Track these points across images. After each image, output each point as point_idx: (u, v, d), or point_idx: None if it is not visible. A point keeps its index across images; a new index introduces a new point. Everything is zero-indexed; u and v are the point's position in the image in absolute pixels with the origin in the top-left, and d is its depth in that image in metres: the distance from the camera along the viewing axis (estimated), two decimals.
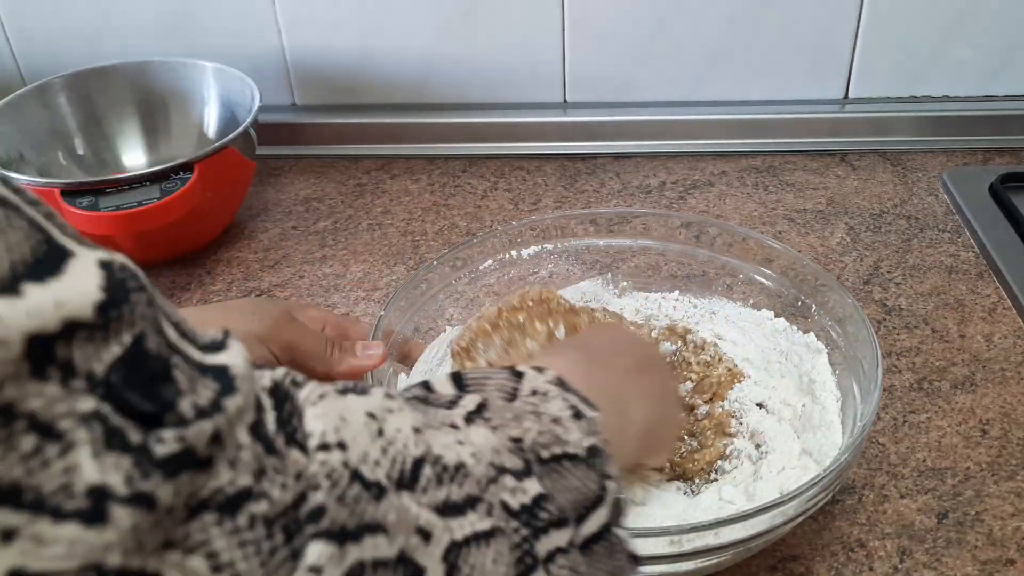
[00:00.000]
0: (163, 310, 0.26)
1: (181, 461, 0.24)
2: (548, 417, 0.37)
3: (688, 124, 0.99)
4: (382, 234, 0.89)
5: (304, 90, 1.04)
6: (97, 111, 0.94)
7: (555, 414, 0.37)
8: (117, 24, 1.01)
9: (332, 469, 0.28)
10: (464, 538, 0.31)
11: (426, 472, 0.31)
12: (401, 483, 0.30)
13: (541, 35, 0.98)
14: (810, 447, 0.60)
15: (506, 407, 0.37)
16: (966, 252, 0.83)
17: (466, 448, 0.33)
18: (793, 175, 0.95)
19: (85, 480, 0.22)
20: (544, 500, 0.34)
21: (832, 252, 0.84)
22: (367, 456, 0.29)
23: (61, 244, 0.24)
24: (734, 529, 0.50)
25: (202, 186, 0.81)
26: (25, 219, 0.23)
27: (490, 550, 0.31)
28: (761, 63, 0.98)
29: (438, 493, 0.31)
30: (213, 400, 0.25)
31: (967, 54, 0.96)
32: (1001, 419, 0.66)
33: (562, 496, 0.35)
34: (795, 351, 0.67)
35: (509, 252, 0.73)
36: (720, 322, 0.71)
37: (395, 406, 0.32)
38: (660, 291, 0.75)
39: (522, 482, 0.34)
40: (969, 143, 0.98)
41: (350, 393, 0.32)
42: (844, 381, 0.63)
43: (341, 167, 1.00)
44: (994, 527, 0.58)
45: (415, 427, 0.32)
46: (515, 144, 1.00)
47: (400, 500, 0.30)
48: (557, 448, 0.36)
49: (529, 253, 0.74)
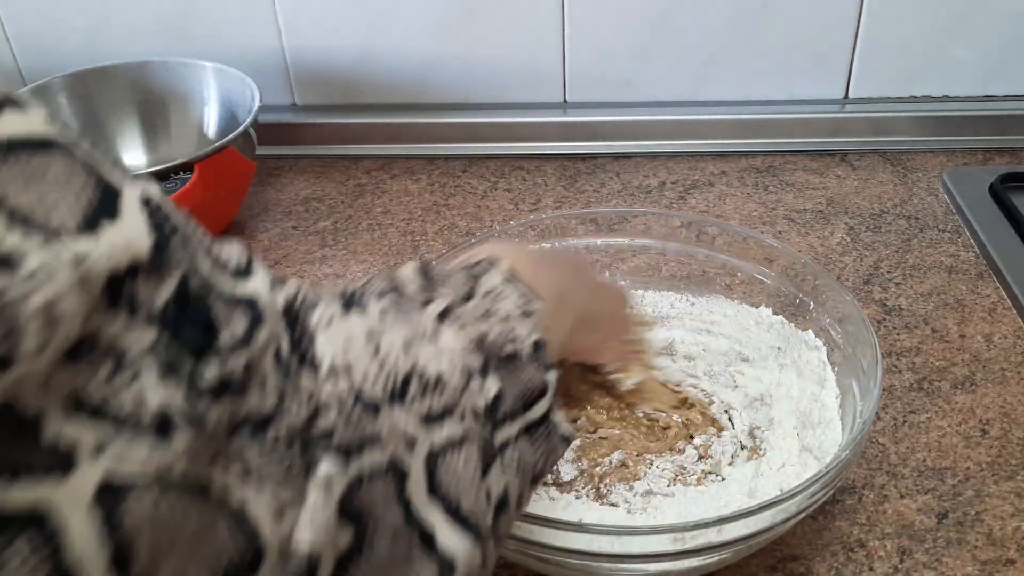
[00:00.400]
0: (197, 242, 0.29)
1: (222, 388, 0.28)
2: (501, 314, 0.42)
3: (688, 124, 0.99)
4: (382, 234, 0.89)
5: (304, 90, 1.04)
6: (97, 111, 0.94)
7: (506, 312, 0.42)
8: (117, 24, 1.01)
9: (340, 392, 0.33)
10: (441, 444, 0.35)
11: (413, 385, 0.36)
12: (393, 397, 0.35)
13: (541, 35, 0.98)
14: (810, 444, 0.60)
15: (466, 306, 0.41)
16: (966, 252, 0.83)
17: (444, 357, 0.37)
18: (793, 175, 0.95)
19: (153, 402, 0.26)
20: (501, 397, 0.39)
21: (832, 252, 0.84)
22: (367, 375, 0.34)
23: (110, 181, 0.26)
24: (736, 526, 0.50)
25: (202, 186, 0.81)
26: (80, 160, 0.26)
27: (462, 453, 0.36)
28: (761, 63, 0.98)
29: (422, 404, 0.35)
30: (246, 332, 0.29)
31: (967, 54, 0.96)
32: (1001, 419, 0.66)
33: (513, 389, 0.40)
34: (793, 347, 0.67)
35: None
36: (718, 318, 0.72)
37: (388, 322, 0.37)
38: (660, 290, 0.75)
39: (484, 382, 0.38)
40: (969, 143, 0.98)
41: (353, 310, 0.37)
42: (844, 380, 0.63)
43: (341, 167, 1.00)
44: (994, 527, 0.58)
45: (405, 341, 0.37)
46: (515, 144, 1.00)
47: (392, 413, 0.34)
48: (510, 347, 0.41)
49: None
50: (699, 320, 0.72)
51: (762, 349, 0.68)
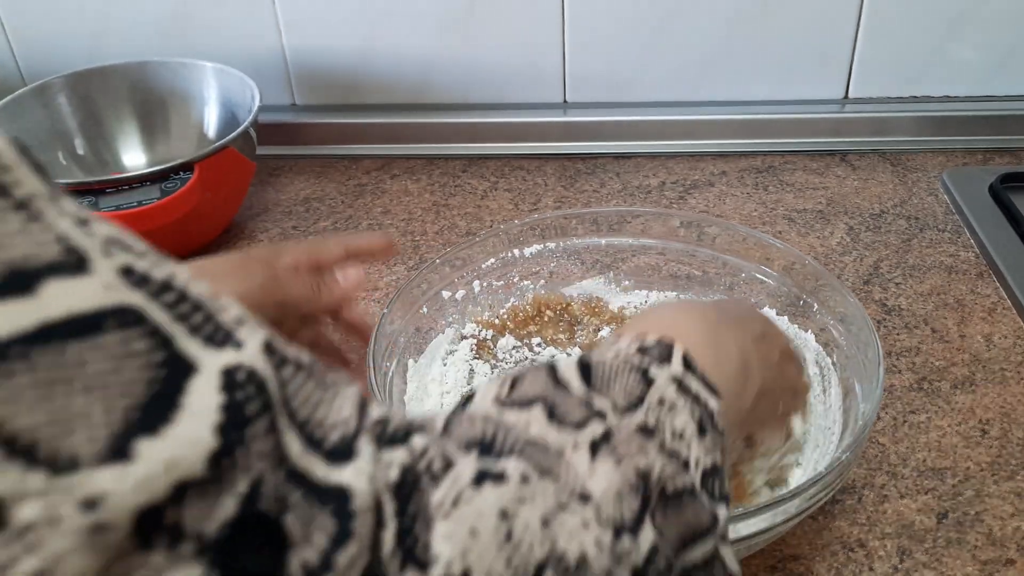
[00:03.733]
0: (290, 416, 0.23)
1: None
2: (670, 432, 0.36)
3: (688, 124, 0.99)
4: None
5: (304, 90, 1.04)
6: (97, 111, 0.94)
7: (679, 429, 0.36)
8: (117, 24, 1.01)
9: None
10: None
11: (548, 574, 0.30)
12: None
13: (541, 35, 0.98)
14: (811, 444, 0.60)
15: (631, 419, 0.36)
16: (966, 252, 0.83)
17: (590, 534, 0.31)
18: (793, 175, 0.95)
19: None
20: (656, 552, 0.33)
21: (832, 252, 0.84)
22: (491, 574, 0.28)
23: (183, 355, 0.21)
24: (734, 527, 0.50)
25: (202, 186, 0.81)
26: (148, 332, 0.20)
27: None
28: (761, 63, 0.98)
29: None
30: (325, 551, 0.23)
31: (967, 54, 0.96)
32: (1001, 419, 0.66)
33: (672, 530, 0.34)
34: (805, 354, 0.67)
35: (511, 251, 0.73)
36: None
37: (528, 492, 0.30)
38: (661, 290, 0.75)
39: (637, 539, 0.33)
40: (969, 143, 0.98)
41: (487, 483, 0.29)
42: (845, 380, 0.63)
43: (341, 167, 1.00)
44: (994, 527, 0.58)
45: (543, 519, 0.30)
46: (515, 144, 1.00)
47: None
48: (679, 480, 0.35)
49: (531, 252, 0.74)
50: None
51: None
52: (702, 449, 0.36)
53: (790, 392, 0.53)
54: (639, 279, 0.75)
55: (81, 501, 0.18)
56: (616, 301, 0.74)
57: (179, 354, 0.21)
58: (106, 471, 0.18)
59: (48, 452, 0.18)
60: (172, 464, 0.19)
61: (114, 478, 0.18)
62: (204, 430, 0.20)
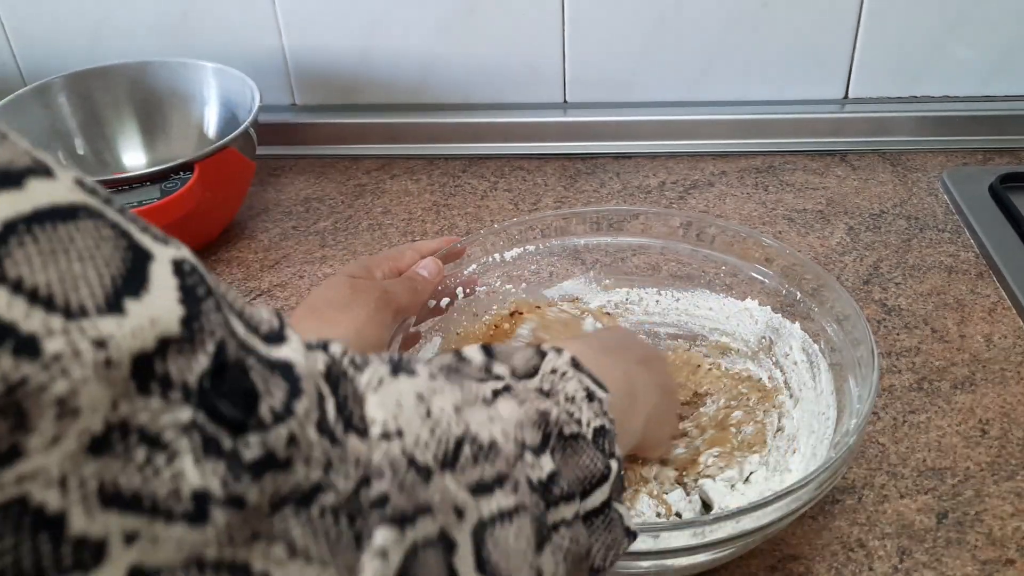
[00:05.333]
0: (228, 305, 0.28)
1: (265, 464, 0.26)
2: (564, 395, 0.40)
3: (688, 124, 0.99)
4: (382, 234, 0.89)
5: (304, 90, 1.04)
6: (97, 111, 0.94)
7: (570, 393, 0.40)
8: (117, 24, 1.01)
9: (393, 457, 0.31)
10: (491, 515, 0.33)
11: (465, 451, 0.33)
12: (444, 463, 0.32)
13: (541, 35, 0.98)
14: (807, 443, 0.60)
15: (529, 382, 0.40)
16: (966, 252, 0.83)
17: (497, 425, 0.35)
18: (793, 175, 0.95)
19: (190, 485, 0.24)
20: (556, 476, 0.37)
21: (832, 252, 0.84)
22: (419, 439, 0.32)
23: (141, 245, 0.25)
24: (725, 526, 0.50)
25: (202, 186, 0.81)
26: (110, 225, 0.24)
27: (513, 526, 0.34)
28: (761, 63, 0.98)
29: (473, 472, 0.33)
30: (285, 402, 0.27)
31: (967, 54, 0.96)
32: (1001, 419, 0.66)
33: (571, 472, 0.38)
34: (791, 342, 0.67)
35: (511, 251, 0.73)
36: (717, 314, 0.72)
37: (438, 385, 0.35)
38: (661, 289, 0.75)
39: (539, 459, 0.37)
40: (969, 143, 0.98)
41: (401, 373, 0.34)
42: (841, 380, 0.62)
43: (341, 167, 1.00)
44: (994, 527, 0.58)
45: (456, 405, 0.34)
46: (515, 144, 1.00)
47: (443, 480, 0.32)
48: (572, 427, 0.39)
49: (530, 251, 0.73)
50: (701, 313, 0.72)
51: (761, 343, 0.68)
52: (591, 412, 0.40)
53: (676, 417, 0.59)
54: (639, 279, 0.75)
55: (93, 340, 0.22)
56: (597, 300, 0.74)
57: (137, 243, 0.25)
58: (108, 319, 0.22)
59: (62, 301, 0.22)
60: (155, 320, 0.24)
61: (115, 324, 0.23)
62: (172, 300, 0.25)
